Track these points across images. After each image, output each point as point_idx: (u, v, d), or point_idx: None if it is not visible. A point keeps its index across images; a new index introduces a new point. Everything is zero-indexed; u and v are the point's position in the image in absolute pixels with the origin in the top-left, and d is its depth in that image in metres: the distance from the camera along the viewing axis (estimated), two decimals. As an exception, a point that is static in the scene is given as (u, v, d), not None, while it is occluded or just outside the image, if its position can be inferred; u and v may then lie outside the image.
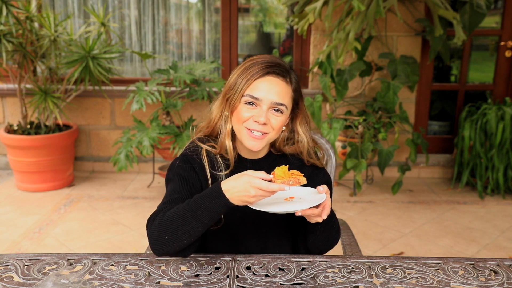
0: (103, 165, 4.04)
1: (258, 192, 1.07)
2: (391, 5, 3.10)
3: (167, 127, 3.28)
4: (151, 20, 4.07)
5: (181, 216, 1.13)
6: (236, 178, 1.10)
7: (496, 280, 1.14)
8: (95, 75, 3.40)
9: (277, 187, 1.07)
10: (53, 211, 3.23)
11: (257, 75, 1.23)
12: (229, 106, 1.28)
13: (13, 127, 3.60)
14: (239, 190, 1.08)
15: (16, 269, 1.15)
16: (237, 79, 1.25)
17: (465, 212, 3.32)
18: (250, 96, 1.23)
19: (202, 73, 3.50)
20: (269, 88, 1.23)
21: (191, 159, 1.30)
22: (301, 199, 1.20)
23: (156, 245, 1.16)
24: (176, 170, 1.29)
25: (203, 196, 1.13)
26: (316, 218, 1.17)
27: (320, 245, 1.31)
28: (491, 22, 4.34)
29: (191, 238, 1.15)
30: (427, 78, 3.95)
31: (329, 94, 3.37)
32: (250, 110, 1.24)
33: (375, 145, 3.42)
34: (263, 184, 1.06)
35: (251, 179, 1.07)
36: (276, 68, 1.25)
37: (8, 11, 3.14)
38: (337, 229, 1.32)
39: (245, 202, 1.10)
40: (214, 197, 1.11)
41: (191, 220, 1.12)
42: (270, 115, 1.25)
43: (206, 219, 1.12)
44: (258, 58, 1.27)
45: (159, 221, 1.16)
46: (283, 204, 1.17)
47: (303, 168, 1.34)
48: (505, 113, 3.46)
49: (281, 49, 4.44)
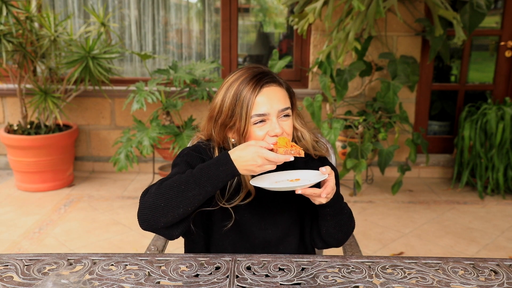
0: (103, 165, 4.04)
1: (264, 162, 1.10)
2: (391, 5, 3.10)
3: (167, 127, 3.29)
4: (151, 20, 4.08)
5: (184, 182, 1.12)
6: (243, 148, 1.12)
7: (496, 280, 1.14)
8: (95, 75, 3.40)
9: (283, 158, 1.10)
10: (53, 211, 3.23)
11: (254, 93, 1.20)
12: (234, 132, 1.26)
13: (13, 127, 3.60)
14: (246, 159, 1.11)
15: (16, 269, 1.15)
16: (236, 105, 1.21)
17: (465, 212, 3.33)
18: (257, 115, 1.21)
19: (202, 73, 3.50)
20: (270, 99, 1.22)
21: (203, 150, 1.30)
22: (305, 180, 1.21)
23: (147, 214, 1.12)
24: (184, 157, 1.28)
25: (209, 164, 1.14)
26: (319, 199, 1.18)
27: (334, 233, 1.31)
28: (491, 22, 4.34)
29: (187, 208, 1.13)
30: (427, 78, 3.95)
31: (329, 94, 3.37)
32: (262, 127, 1.23)
33: (375, 145, 3.42)
34: (271, 154, 1.10)
35: (259, 149, 1.10)
36: (265, 78, 1.23)
37: (8, 11, 3.14)
38: (349, 215, 1.32)
39: (251, 171, 1.12)
40: (221, 164, 1.12)
41: (194, 187, 1.12)
42: (281, 122, 1.24)
43: (210, 186, 1.12)
44: (241, 76, 1.23)
45: (156, 188, 1.14)
46: (286, 183, 1.20)
47: (311, 163, 1.35)
48: (505, 113, 3.46)
49: (278, 50, 4.44)
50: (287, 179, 1.23)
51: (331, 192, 1.18)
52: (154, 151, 3.56)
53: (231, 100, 1.22)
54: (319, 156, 1.38)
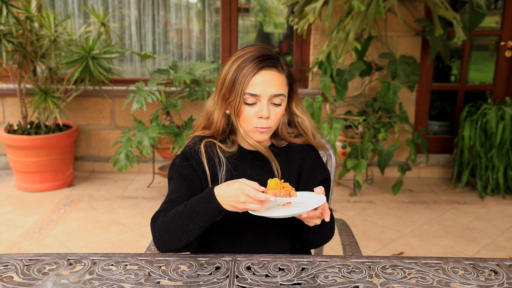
0: (103, 165, 4.04)
1: (247, 199, 1.10)
2: (391, 5, 3.10)
3: (167, 127, 3.29)
4: (151, 20, 4.08)
5: (179, 218, 1.18)
6: (229, 184, 1.14)
7: (496, 280, 1.14)
8: (95, 75, 3.40)
9: (263, 197, 1.10)
10: (53, 211, 3.23)
11: (252, 73, 1.24)
12: (230, 106, 1.29)
13: (13, 127, 3.60)
14: (230, 195, 1.12)
15: (16, 269, 1.15)
16: (235, 80, 1.25)
17: (465, 212, 3.33)
18: (249, 94, 1.25)
19: (202, 73, 3.50)
20: (266, 82, 1.25)
21: (190, 156, 1.33)
22: (299, 204, 1.20)
23: (159, 244, 1.21)
24: (176, 169, 1.33)
25: (198, 200, 1.17)
26: (315, 221, 1.18)
27: (314, 242, 1.36)
28: (491, 22, 4.34)
29: (190, 238, 1.19)
30: (427, 78, 3.95)
31: (329, 94, 3.37)
32: (252, 107, 1.26)
33: (375, 145, 3.42)
34: (251, 191, 1.09)
35: (242, 185, 1.10)
36: (268, 61, 1.26)
37: (8, 11, 3.14)
38: (331, 227, 1.33)
39: (234, 207, 1.13)
40: (207, 201, 1.15)
41: (188, 223, 1.17)
42: (271, 107, 1.27)
43: (202, 221, 1.17)
44: (248, 52, 1.27)
45: (160, 222, 1.21)
46: (281, 210, 1.18)
47: (306, 157, 1.37)
48: (505, 113, 3.46)
49: (278, 50, 4.44)
50: (278, 204, 1.21)
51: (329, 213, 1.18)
52: (154, 151, 3.56)
53: (233, 73, 1.26)
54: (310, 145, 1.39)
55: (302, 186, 1.37)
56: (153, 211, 1.26)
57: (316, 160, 1.40)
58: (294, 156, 1.38)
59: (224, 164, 1.32)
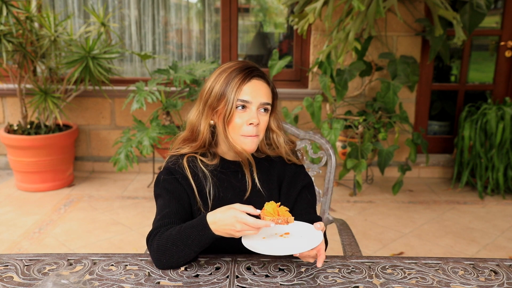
0: (103, 165, 4.04)
1: (244, 227, 1.10)
2: (391, 5, 3.10)
3: (167, 127, 3.29)
4: (151, 20, 4.07)
5: (174, 243, 1.18)
6: (223, 211, 1.13)
7: (496, 280, 1.14)
8: (95, 75, 3.40)
9: (263, 224, 1.09)
10: (53, 211, 3.23)
11: (244, 81, 1.27)
12: (217, 116, 1.30)
13: (13, 127, 3.60)
14: (225, 223, 1.11)
15: (16, 269, 1.15)
16: (226, 89, 1.27)
17: (465, 212, 3.33)
18: (241, 100, 1.27)
19: (202, 73, 3.50)
20: (256, 91, 1.28)
21: (173, 170, 1.33)
22: (296, 236, 1.18)
23: (158, 265, 1.21)
24: (162, 184, 1.32)
25: (192, 228, 1.17)
26: (308, 259, 1.17)
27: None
28: (491, 22, 4.33)
29: (187, 260, 1.19)
30: (427, 78, 3.95)
31: (329, 94, 3.37)
32: (242, 114, 1.28)
33: (375, 145, 3.42)
34: (249, 220, 1.09)
35: (238, 213, 1.09)
36: (257, 71, 1.31)
37: (8, 11, 3.14)
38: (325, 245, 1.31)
39: (230, 235, 1.13)
40: (200, 229, 1.15)
41: (183, 248, 1.17)
42: (259, 115, 1.29)
43: (196, 247, 1.17)
44: (236, 65, 1.31)
45: (156, 245, 1.20)
46: (277, 242, 1.16)
47: (286, 167, 1.39)
48: (505, 113, 3.46)
49: (278, 50, 4.44)
50: (276, 233, 1.20)
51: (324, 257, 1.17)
52: (154, 151, 3.56)
53: (222, 84, 1.28)
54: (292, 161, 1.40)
55: (284, 195, 1.38)
56: (153, 211, 1.25)
57: (296, 168, 1.41)
58: (274, 165, 1.40)
59: (209, 177, 1.32)
